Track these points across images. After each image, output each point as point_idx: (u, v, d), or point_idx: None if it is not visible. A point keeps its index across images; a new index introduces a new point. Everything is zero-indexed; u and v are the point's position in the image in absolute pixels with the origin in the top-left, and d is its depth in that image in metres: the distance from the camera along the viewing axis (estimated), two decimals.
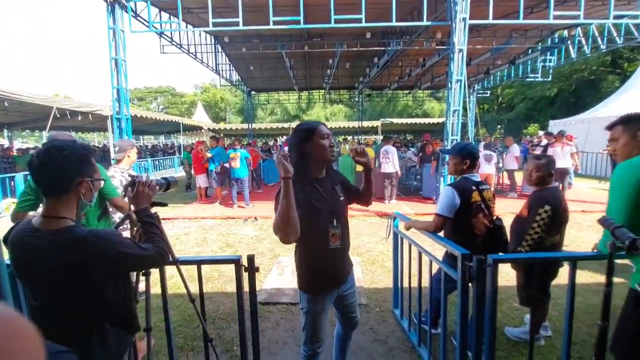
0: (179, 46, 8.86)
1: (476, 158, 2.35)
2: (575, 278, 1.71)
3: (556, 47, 10.42)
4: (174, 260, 1.68)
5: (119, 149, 3.15)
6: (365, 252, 4.66)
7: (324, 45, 9.37)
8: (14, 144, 18.86)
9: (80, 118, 10.26)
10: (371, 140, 9.58)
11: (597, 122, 13.00)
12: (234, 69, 13.06)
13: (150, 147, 24.89)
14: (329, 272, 1.68)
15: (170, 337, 1.94)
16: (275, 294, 3.44)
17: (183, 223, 6.63)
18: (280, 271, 4.02)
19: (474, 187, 2.22)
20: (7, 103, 8.22)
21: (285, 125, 22.88)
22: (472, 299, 1.82)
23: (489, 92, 17.85)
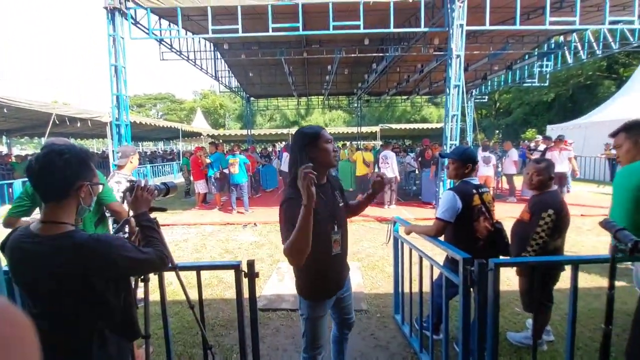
0: (178, 53, 8.92)
1: (476, 162, 2.38)
2: (577, 282, 1.70)
3: (552, 53, 10.51)
4: (173, 266, 1.67)
5: (121, 154, 3.13)
6: (365, 257, 4.64)
7: (323, 51, 9.43)
8: (12, 150, 18.84)
9: (79, 124, 10.24)
10: (370, 145, 9.60)
11: (594, 126, 13.09)
12: (233, 75, 13.12)
13: (149, 153, 24.89)
14: (330, 278, 1.67)
15: (169, 344, 1.91)
16: (275, 300, 3.41)
17: (182, 229, 6.60)
18: (280, 277, 4.00)
19: (474, 191, 2.22)
20: (6, 109, 8.21)
21: (284, 131, 22.96)
22: (473, 304, 1.81)
23: (486, 97, 17.97)
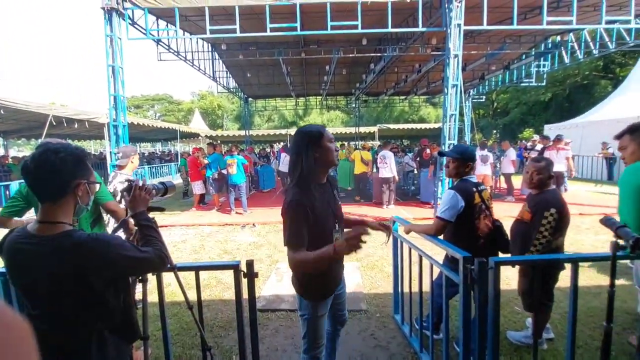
0: (176, 53, 8.88)
1: (475, 160, 2.39)
2: (577, 280, 1.70)
3: (550, 53, 10.54)
4: (172, 267, 1.65)
5: (122, 155, 3.15)
6: (364, 257, 4.63)
7: (321, 51, 9.42)
8: (9, 152, 18.73)
9: (76, 126, 10.18)
10: (368, 145, 9.60)
11: (591, 126, 13.15)
12: (231, 76, 13.08)
13: (147, 154, 24.79)
14: (331, 276, 1.67)
15: (168, 345, 1.90)
16: (274, 301, 3.40)
17: (180, 230, 6.57)
18: (279, 277, 3.98)
19: (474, 189, 2.22)
20: (3, 111, 8.15)
21: (283, 131, 22.91)
22: (473, 303, 1.80)
23: (484, 97, 17.98)
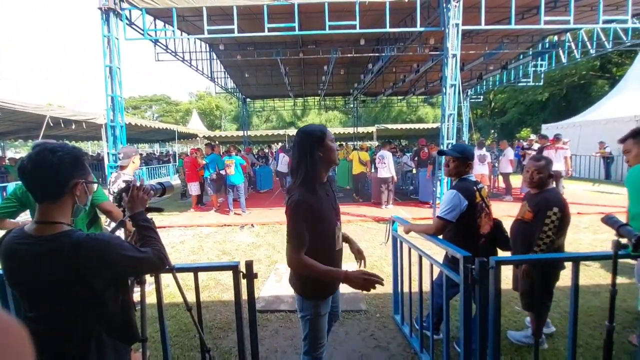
0: (173, 54, 8.85)
1: (473, 159, 2.40)
2: (578, 279, 1.69)
3: (547, 52, 10.58)
4: (170, 268, 1.63)
5: (123, 155, 3.22)
6: None
7: (319, 52, 9.41)
8: (6, 153, 18.65)
9: (74, 127, 10.16)
10: (366, 145, 9.59)
11: (588, 125, 13.21)
12: (228, 76, 13.05)
13: (145, 155, 24.71)
14: None
15: (167, 347, 1.88)
16: (274, 302, 3.38)
17: (179, 231, 6.54)
18: (278, 278, 3.96)
19: (474, 188, 2.22)
20: (0, 112, 8.12)
21: (281, 132, 22.91)
22: (473, 303, 1.80)
23: (482, 97, 18.03)
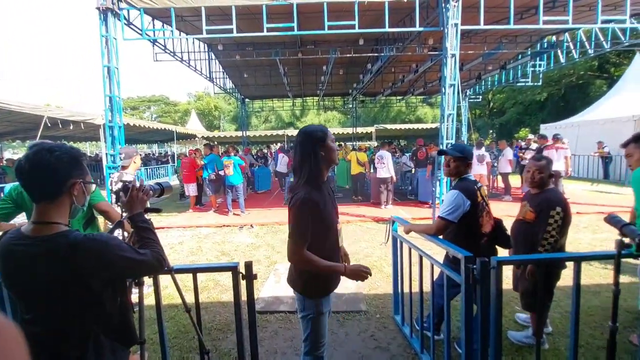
0: (172, 54, 8.82)
1: (472, 158, 2.40)
2: (580, 279, 1.69)
3: (545, 52, 10.59)
4: (169, 269, 1.62)
5: (125, 155, 3.28)
6: (363, 257, 4.61)
7: (318, 52, 9.39)
8: (3, 154, 18.57)
9: (72, 127, 10.11)
10: (364, 145, 9.58)
11: (586, 125, 13.24)
12: (227, 76, 13.02)
13: (143, 156, 24.66)
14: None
15: (165, 349, 1.87)
16: (273, 303, 3.36)
17: (177, 232, 6.52)
18: (278, 279, 3.95)
19: (475, 187, 2.21)
20: None
21: (280, 132, 22.89)
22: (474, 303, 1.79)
23: (480, 97, 18.05)
